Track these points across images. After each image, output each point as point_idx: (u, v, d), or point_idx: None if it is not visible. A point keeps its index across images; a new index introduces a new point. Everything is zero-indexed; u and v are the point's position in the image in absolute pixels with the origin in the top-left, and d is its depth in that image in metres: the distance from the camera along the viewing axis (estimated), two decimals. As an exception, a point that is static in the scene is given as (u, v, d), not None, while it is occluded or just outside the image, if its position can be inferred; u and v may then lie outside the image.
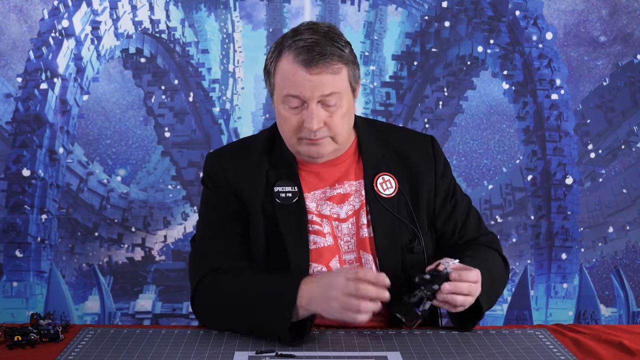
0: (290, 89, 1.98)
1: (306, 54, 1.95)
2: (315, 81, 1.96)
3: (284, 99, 2.01)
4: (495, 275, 2.10)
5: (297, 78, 1.96)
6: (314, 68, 1.95)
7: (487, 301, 2.02)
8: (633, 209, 4.33)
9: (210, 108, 4.30)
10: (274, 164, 2.11)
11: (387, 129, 2.22)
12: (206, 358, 1.83)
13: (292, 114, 2.00)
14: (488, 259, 2.10)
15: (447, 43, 4.32)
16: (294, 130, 2.02)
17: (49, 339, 1.94)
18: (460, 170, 4.35)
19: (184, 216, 4.33)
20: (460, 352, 1.88)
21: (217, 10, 4.32)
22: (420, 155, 2.16)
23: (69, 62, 4.16)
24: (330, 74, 1.97)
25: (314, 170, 2.12)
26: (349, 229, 2.10)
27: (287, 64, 1.98)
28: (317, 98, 1.97)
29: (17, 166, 4.11)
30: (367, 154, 2.13)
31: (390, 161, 2.14)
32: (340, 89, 1.99)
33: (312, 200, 2.11)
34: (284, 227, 2.06)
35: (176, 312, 4.24)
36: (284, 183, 2.08)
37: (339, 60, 1.98)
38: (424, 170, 2.15)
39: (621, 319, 4.28)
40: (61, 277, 4.17)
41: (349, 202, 2.12)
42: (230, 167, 2.12)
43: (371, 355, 1.84)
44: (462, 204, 2.21)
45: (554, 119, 4.26)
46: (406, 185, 2.13)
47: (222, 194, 2.12)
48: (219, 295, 2.02)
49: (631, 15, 4.28)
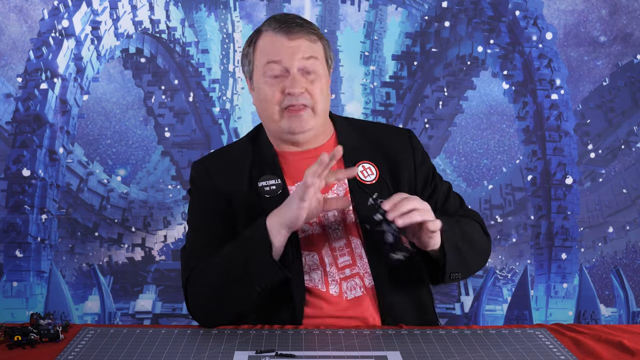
0: (271, 55, 2.07)
1: (285, 25, 2.07)
2: (295, 46, 2.06)
3: (264, 68, 2.08)
4: (471, 234, 2.12)
5: (277, 45, 2.07)
6: (292, 34, 2.06)
7: (455, 251, 2.03)
8: (633, 209, 4.33)
9: (210, 108, 4.30)
10: (256, 161, 2.16)
11: (365, 123, 2.31)
12: (206, 358, 1.83)
13: (273, 84, 2.08)
14: (460, 220, 2.13)
15: (447, 43, 4.32)
16: (276, 101, 2.08)
17: (49, 339, 1.94)
18: (460, 170, 4.35)
19: (184, 216, 4.33)
20: (460, 352, 1.88)
21: (217, 10, 4.32)
22: (398, 147, 2.21)
23: (69, 62, 4.16)
24: (308, 41, 2.08)
25: (296, 163, 2.16)
26: (335, 216, 2.14)
27: (266, 37, 2.09)
28: (298, 64, 2.06)
29: (17, 166, 4.11)
30: (346, 143, 2.17)
31: (369, 151, 2.19)
32: (318, 55, 2.09)
33: None
34: None
35: (176, 312, 4.25)
36: (267, 177, 2.14)
37: (314, 33, 2.10)
38: (403, 161, 2.19)
39: (621, 319, 4.28)
40: (61, 277, 4.17)
41: (332, 191, 2.15)
42: (215, 170, 2.17)
43: (371, 355, 1.85)
44: (442, 187, 2.25)
45: (554, 119, 4.26)
46: (387, 173, 2.18)
47: (208, 197, 2.16)
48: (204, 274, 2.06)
49: (631, 15, 4.28)
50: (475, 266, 2.18)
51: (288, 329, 2.03)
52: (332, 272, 2.13)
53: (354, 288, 2.13)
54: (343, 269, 2.14)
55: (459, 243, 2.06)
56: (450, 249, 2.02)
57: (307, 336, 1.98)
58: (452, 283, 2.10)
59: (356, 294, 2.13)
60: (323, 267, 2.13)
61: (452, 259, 2.03)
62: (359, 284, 2.13)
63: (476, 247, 2.15)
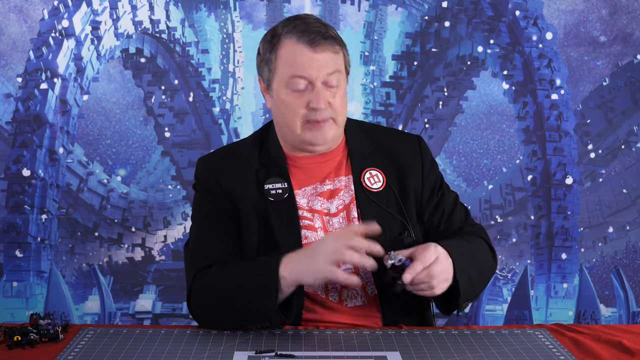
0: (297, 70, 2.03)
1: (309, 35, 2.02)
2: (321, 60, 2.03)
3: (288, 82, 2.04)
4: (480, 259, 2.10)
5: (304, 59, 2.02)
6: (318, 47, 2.02)
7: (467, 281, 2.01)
8: (633, 209, 4.33)
9: (210, 108, 4.30)
10: (264, 163, 2.14)
11: (374, 128, 2.28)
12: (206, 358, 1.83)
13: (296, 97, 2.04)
14: (471, 242, 2.10)
15: (447, 43, 4.32)
16: (299, 114, 2.05)
17: (49, 339, 1.94)
18: (460, 170, 4.35)
19: (184, 216, 4.34)
20: (459, 352, 1.88)
21: (217, 10, 4.32)
22: (407, 154, 2.20)
23: (69, 62, 4.16)
24: (333, 53, 2.05)
25: (304, 166, 2.15)
26: (340, 223, 2.13)
27: (289, 47, 2.04)
28: (322, 77, 2.03)
29: (17, 166, 4.11)
30: (355, 149, 2.17)
31: (378, 157, 2.17)
32: (340, 68, 2.07)
33: (302, 197, 2.13)
34: (275, 223, 2.09)
35: (176, 312, 4.25)
36: (274, 180, 2.12)
37: (336, 42, 2.07)
38: (411, 169, 2.18)
39: (621, 319, 4.28)
40: (61, 277, 4.17)
41: (339, 197, 2.14)
42: (221, 169, 2.15)
43: (371, 355, 1.85)
44: (449, 197, 2.24)
45: (554, 119, 4.26)
46: (394, 180, 2.16)
47: (213, 195, 2.14)
48: (209, 288, 2.04)
49: (631, 15, 4.28)
50: (482, 288, 2.16)
51: (288, 329, 2.03)
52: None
53: (354, 297, 2.11)
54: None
55: (471, 271, 2.03)
56: (463, 281, 1.99)
57: (306, 336, 1.98)
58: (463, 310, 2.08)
59: (356, 303, 2.11)
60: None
61: (465, 289, 2.01)
62: (361, 294, 2.12)
63: (484, 271, 2.13)
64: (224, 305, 2.00)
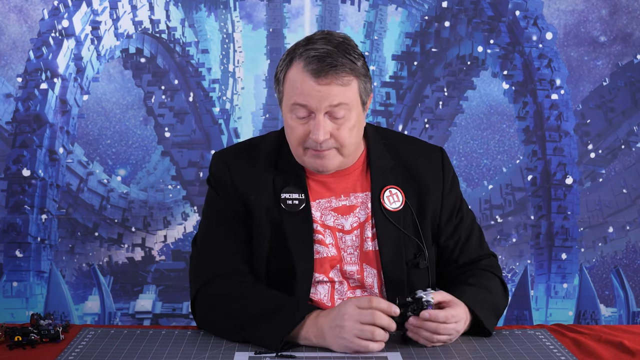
0: (298, 97, 1.95)
1: (316, 64, 1.92)
2: (323, 92, 1.93)
3: (291, 107, 1.98)
4: (498, 305, 2.11)
5: (305, 87, 1.94)
6: (322, 78, 1.92)
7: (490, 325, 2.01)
8: (633, 209, 4.33)
9: (210, 108, 4.30)
10: (281, 170, 2.08)
11: (397, 138, 2.19)
12: (206, 358, 1.83)
13: (299, 123, 1.98)
14: (491, 290, 2.08)
15: (447, 43, 4.32)
16: (300, 140, 1.99)
17: (49, 339, 1.94)
18: (460, 170, 4.35)
19: (184, 216, 4.34)
20: (460, 352, 1.88)
21: (217, 10, 4.32)
22: (429, 169, 2.13)
23: (69, 62, 4.16)
24: (340, 85, 1.94)
25: (322, 179, 2.09)
26: (353, 241, 2.08)
27: (296, 72, 1.96)
28: (324, 109, 1.94)
29: (17, 166, 4.11)
30: (376, 166, 2.10)
31: (399, 173, 2.10)
32: (349, 100, 1.96)
33: (316, 209, 2.08)
34: (290, 234, 2.04)
35: (176, 312, 4.24)
36: (291, 190, 2.06)
37: (349, 73, 1.95)
38: (432, 184, 2.12)
39: (621, 319, 4.28)
40: (61, 277, 4.17)
41: (354, 214, 2.09)
42: (237, 169, 2.09)
43: (371, 356, 1.84)
44: (467, 219, 2.18)
45: (554, 119, 4.26)
46: (413, 198, 2.10)
47: (227, 195, 2.09)
48: (220, 308, 1.99)
49: (631, 15, 4.28)
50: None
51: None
52: (341, 289, 2.07)
53: None
54: (354, 289, 2.10)
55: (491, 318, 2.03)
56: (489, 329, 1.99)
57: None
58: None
59: None
60: (332, 283, 2.09)
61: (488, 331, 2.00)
62: None
63: (500, 315, 2.13)
64: (230, 327, 1.95)
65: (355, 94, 1.97)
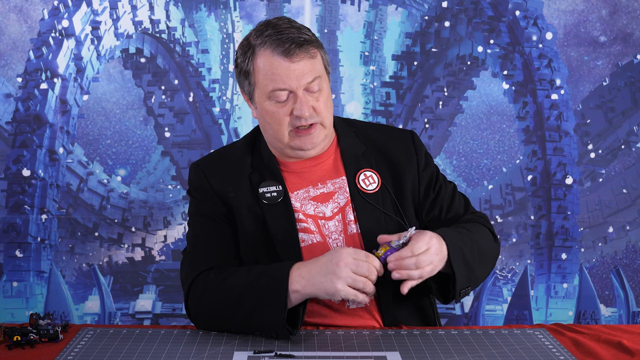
0: (277, 83, 2.01)
1: (283, 45, 1.99)
2: (299, 69, 2.00)
3: (270, 94, 2.03)
4: (480, 244, 2.08)
5: (281, 70, 2.00)
6: (294, 56, 2.00)
7: (464, 270, 1.99)
8: (633, 209, 4.33)
9: (210, 108, 4.30)
10: (256, 166, 2.13)
11: (366, 126, 2.25)
12: (205, 358, 1.83)
13: (279, 107, 2.03)
14: (470, 229, 2.09)
15: (447, 43, 4.32)
16: (284, 123, 2.04)
17: (49, 339, 1.94)
18: (460, 170, 4.35)
19: (184, 216, 4.34)
20: (459, 352, 1.88)
21: (217, 10, 4.32)
22: (402, 149, 2.18)
23: (69, 62, 4.16)
24: (310, 59, 2.02)
25: (296, 170, 2.14)
26: (336, 226, 2.12)
27: (265, 59, 2.01)
28: (303, 86, 2.01)
29: (17, 166, 4.11)
30: (347, 151, 2.15)
31: (372, 157, 2.16)
32: (320, 72, 2.04)
33: (296, 200, 2.12)
34: (272, 226, 2.08)
35: (176, 312, 4.25)
36: (268, 183, 2.11)
37: (313, 45, 2.04)
38: (406, 165, 2.16)
39: (621, 319, 4.28)
40: (61, 277, 4.17)
41: (333, 200, 2.13)
42: (213, 173, 2.14)
43: (370, 356, 1.85)
44: (446, 190, 2.21)
45: (554, 119, 4.26)
46: (389, 179, 2.15)
47: (208, 200, 2.13)
48: (210, 292, 2.02)
49: (631, 15, 4.28)
50: (485, 275, 2.14)
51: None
52: None
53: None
54: None
55: (469, 259, 2.01)
56: (459, 270, 1.98)
57: (306, 337, 1.98)
58: (463, 298, 2.06)
59: (358, 304, 2.11)
60: None
61: (462, 276, 1.99)
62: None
63: (486, 257, 2.11)
64: (226, 311, 1.98)
65: (322, 65, 2.06)
